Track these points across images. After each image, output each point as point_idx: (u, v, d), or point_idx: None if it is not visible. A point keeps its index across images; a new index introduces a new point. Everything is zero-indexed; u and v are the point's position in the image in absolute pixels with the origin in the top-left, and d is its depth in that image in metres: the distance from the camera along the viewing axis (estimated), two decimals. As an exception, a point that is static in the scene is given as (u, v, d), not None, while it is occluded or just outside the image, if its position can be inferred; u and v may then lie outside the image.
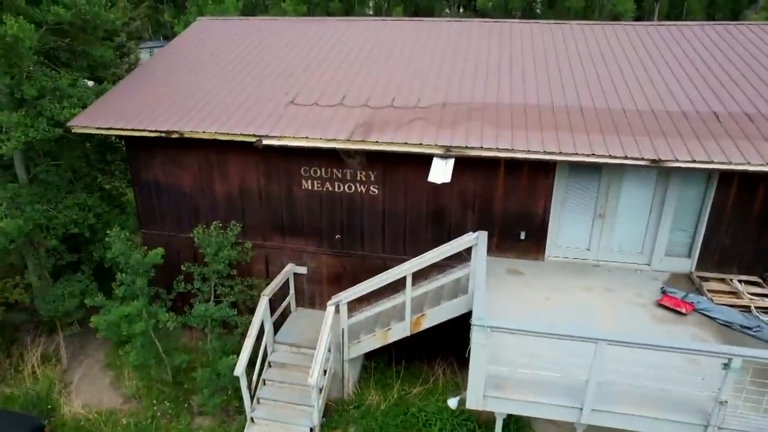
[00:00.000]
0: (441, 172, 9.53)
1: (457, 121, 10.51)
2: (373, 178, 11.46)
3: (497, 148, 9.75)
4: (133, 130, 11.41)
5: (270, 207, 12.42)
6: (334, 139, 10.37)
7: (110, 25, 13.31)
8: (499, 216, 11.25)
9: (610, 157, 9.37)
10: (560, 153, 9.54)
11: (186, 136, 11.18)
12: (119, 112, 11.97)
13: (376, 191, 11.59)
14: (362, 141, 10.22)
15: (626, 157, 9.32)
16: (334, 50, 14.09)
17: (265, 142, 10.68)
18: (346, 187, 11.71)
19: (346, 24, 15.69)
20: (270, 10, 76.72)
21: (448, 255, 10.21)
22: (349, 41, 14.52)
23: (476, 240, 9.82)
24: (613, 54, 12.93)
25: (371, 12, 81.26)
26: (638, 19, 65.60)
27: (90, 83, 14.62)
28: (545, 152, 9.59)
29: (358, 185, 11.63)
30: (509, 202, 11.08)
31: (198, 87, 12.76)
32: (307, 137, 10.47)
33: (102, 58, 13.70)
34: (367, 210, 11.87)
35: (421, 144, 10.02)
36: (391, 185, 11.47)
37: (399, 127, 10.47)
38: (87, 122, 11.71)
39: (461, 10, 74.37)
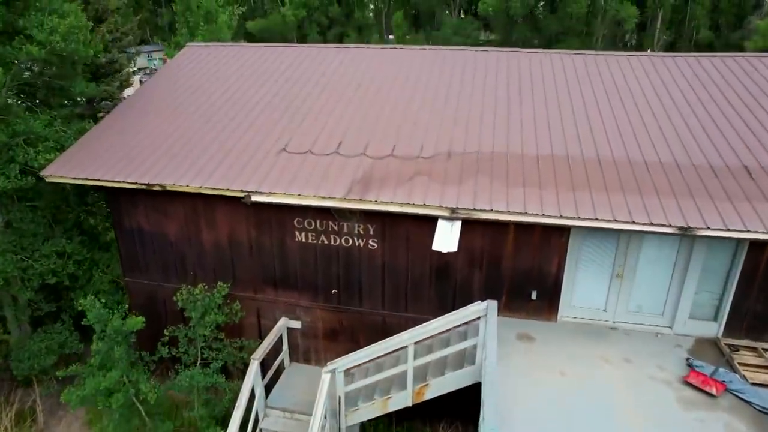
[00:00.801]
0: (447, 238, 8.65)
1: (463, 176, 9.62)
2: (372, 232, 10.57)
3: (508, 211, 8.86)
4: (111, 181, 10.52)
5: (261, 259, 11.54)
6: (329, 197, 9.49)
7: (89, 60, 12.40)
8: (508, 274, 10.37)
9: (634, 223, 8.50)
10: (578, 218, 8.66)
11: (169, 189, 10.30)
12: (97, 158, 11.09)
13: (375, 245, 10.71)
14: (359, 200, 9.33)
15: (651, 224, 8.45)
16: (329, 85, 13.19)
17: (254, 198, 9.80)
18: (342, 240, 10.83)
19: (342, 54, 14.77)
20: (269, 15, 75.87)
21: (454, 324, 9.34)
22: (346, 73, 13.62)
23: (485, 311, 8.93)
24: (631, 92, 12.04)
25: (371, 14, 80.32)
26: (641, 24, 64.73)
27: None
28: (561, 216, 8.71)
29: (355, 239, 10.75)
30: (520, 260, 10.19)
31: (183, 129, 11.87)
32: (299, 194, 9.58)
33: (83, 94, 12.82)
34: (366, 264, 10.99)
35: (424, 205, 9.14)
36: (391, 239, 10.58)
37: (400, 183, 9.59)
38: (62, 171, 10.83)
39: (462, 15, 73.42)
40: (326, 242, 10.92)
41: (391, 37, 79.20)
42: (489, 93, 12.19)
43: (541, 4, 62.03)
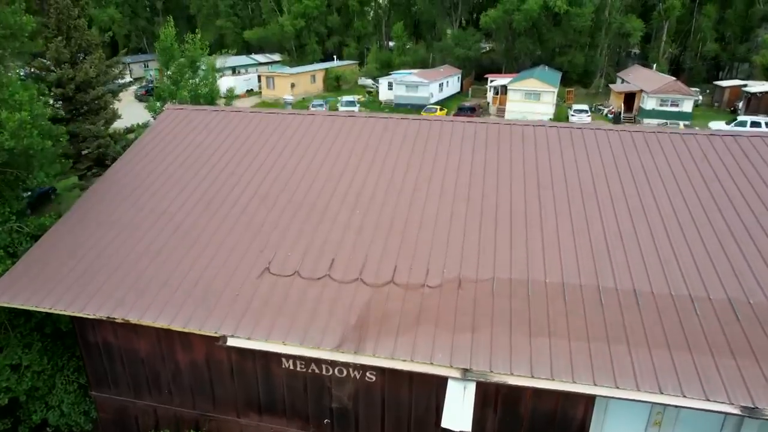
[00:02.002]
0: (458, 409, 7.18)
1: (477, 321, 8.12)
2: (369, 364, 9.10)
3: (532, 376, 7.38)
4: (64, 311, 9.02)
5: (244, 381, 10.06)
6: (318, 348, 8.00)
7: (49, 154, 10.91)
8: (527, 416, 8.90)
9: (685, 397, 7.01)
10: (616, 387, 7.17)
11: (132, 322, 8.81)
12: (49, 280, 9.53)
13: (374, 378, 9.24)
14: (354, 353, 7.85)
15: (707, 399, 6.97)
16: (321, 171, 11.62)
17: (231, 342, 8.32)
18: (336, 371, 9.36)
19: (331, 124, 13.08)
20: (267, 24, 74.24)
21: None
22: (340, 156, 12.00)
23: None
24: (665, 189, 10.53)
25: (371, 27, 78.65)
26: (645, 36, 63.13)
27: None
28: (595, 384, 7.23)
29: (350, 370, 9.28)
30: (541, 402, 8.72)
31: (149, 240, 10.25)
32: (283, 342, 8.09)
33: (42, 184, 11.33)
34: (363, 397, 9.52)
35: (431, 363, 7.65)
36: (392, 373, 9.10)
37: (402, 329, 8.10)
38: (6, 298, 9.30)
39: (463, 23, 71.80)
40: (317, 372, 9.45)
41: (391, 44, 77.70)
42: (503, 191, 10.63)
43: (545, 17, 60.29)
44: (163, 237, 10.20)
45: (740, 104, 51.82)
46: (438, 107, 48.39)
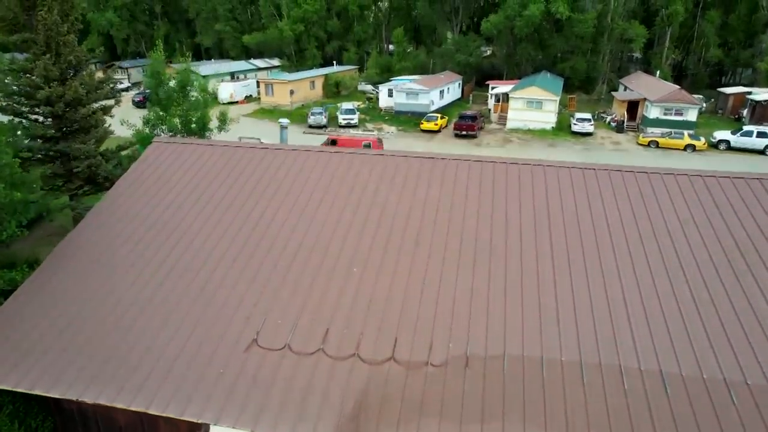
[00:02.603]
0: None
1: (487, 409, 7.29)
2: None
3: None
4: (30, 391, 8.19)
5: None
6: (310, 441, 7.19)
7: (20, 203, 10.09)
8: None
9: None
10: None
11: (104, 404, 7.99)
12: (13, 351, 8.71)
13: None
14: (350, 450, 7.04)
15: None
16: (312, 227, 10.57)
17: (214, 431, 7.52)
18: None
19: (330, 168, 12.11)
20: (267, 29, 73.39)
21: None
22: (335, 204, 10.98)
23: None
24: (687, 242, 9.71)
25: (371, 31, 77.79)
26: (649, 42, 62.23)
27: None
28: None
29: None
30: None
31: (124, 311, 9.27)
32: (271, 435, 7.28)
33: (15, 236, 10.51)
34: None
35: (436, 466, 6.84)
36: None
37: (403, 420, 7.27)
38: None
39: (464, 28, 70.97)
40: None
41: (391, 47, 76.84)
42: (513, 248, 9.78)
43: (546, 23, 59.45)
44: (138, 305, 9.35)
45: (745, 112, 51.02)
46: (439, 115, 47.58)
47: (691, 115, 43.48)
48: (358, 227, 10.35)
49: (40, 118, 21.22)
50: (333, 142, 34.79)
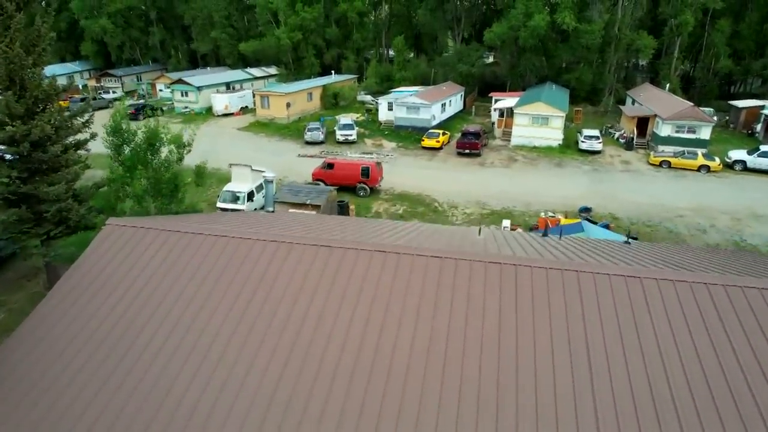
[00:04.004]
0: None
1: None
2: None
3: None
4: None
5: None
6: None
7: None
8: None
9: None
10: None
11: None
12: None
13: None
14: None
15: None
16: (282, 342, 8.49)
17: None
18: None
19: (316, 267, 9.56)
20: (264, 37, 71.62)
21: None
22: (309, 314, 8.80)
23: None
24: (687, 380, 7.88)
25: (371, 37, 76.04)
26: (657, 54, 60.38)
27: None
28: None
29: None
30: None
31: None
32: None
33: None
34: None
35: None
36: None
37: None
38: None
39: (466, 37, 69.21)
40: None
41: (391, 52, 75.05)
42: (526, 382, 7.86)
43: (552, 33, 57.69)
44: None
45: (758, 127, 49.26)
46: (440, 131, 45.87)
47: (705, 133, 41.70)
48: (339, 342, 8.42)
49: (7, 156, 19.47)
50: (329, 166, 33.03)
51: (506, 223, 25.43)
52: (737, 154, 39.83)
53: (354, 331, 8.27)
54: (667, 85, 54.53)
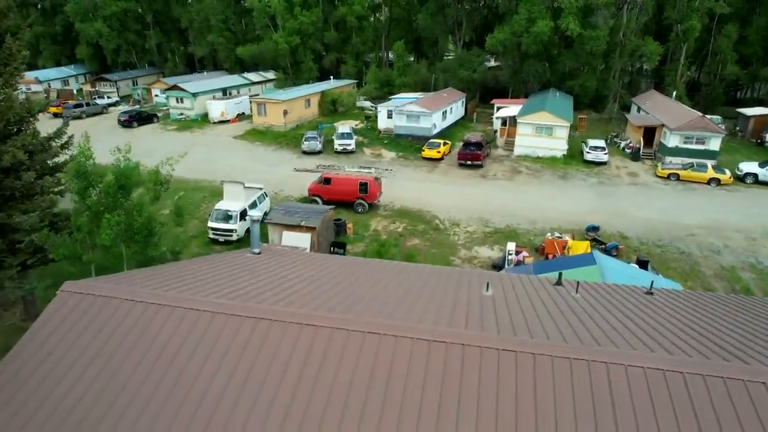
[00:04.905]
0: None
1: None
2: None
3: None
4: None
5: None
6: None
7: None
8: None
9: None
10: None
11: None
12: None
13: None
14: None
15: None
16: None
17: None
18: None
19: (301, 350, 7.95)
20: (261, 41, 70.31)
21: None
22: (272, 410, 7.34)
23: None
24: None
25: (370, 41, 74.70)
26: (662, 59, 59.02)
27: None
28: None
29: None
30: None
31: None
32: None
33: None
34: None
35: None
36: None
37: None
38: None
39: (466, 41, 67.89)
40: None
41: (391, 55, 73.70)
42: None
43: (556, 38, 56.38)
44: None
45: (768, 136, 48.05)
46: (442, 141, 44.60)
47: (714, 144, 40.43)
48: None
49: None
50: (326, 181, 31.74)
51: (511, 246, 24.15)
52: (748, 166, 38.56)
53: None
54: (674, 93, 53.23)
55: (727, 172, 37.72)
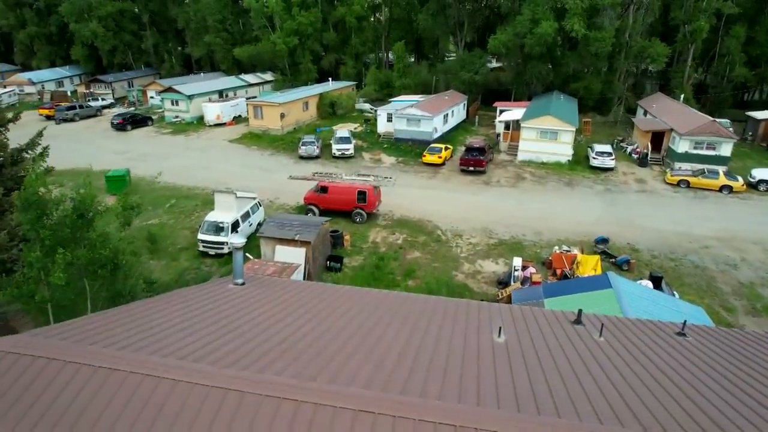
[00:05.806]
0: None
1: None
2: None
3: None
4: None
5: None
6: None
7: None
8: None
9: None
10: None
11: None
12: None
13: None
14: None
15: None
16: None
17: None
18: None
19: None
20: (259, 42, 68.94)
21: None
22: None
23: None
24: None
25: (370, 41, 73.27)
26: (669, 61, 57.57)
27: None
28: None
29: None
30: None
31: None
32: None
33: None
34: None
35: None
36: None
37: None
38: None
39: (468, 41, 66.46)
40: None
41: (391, 55, 72.30)
42: None
43: (560, 40, 54.98)
44: None
45: (779, 141, 46.67)
46: (443, 146, 43.19)
47: (725, 150, 38.99)
48: None
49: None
50: (323, 190, 30.34)
51: (517, 262, 22.78)
52: (761, 172, 37.19)
53: None
54: (681, 96, 51.84)
55: (740, 179, 36.33)
